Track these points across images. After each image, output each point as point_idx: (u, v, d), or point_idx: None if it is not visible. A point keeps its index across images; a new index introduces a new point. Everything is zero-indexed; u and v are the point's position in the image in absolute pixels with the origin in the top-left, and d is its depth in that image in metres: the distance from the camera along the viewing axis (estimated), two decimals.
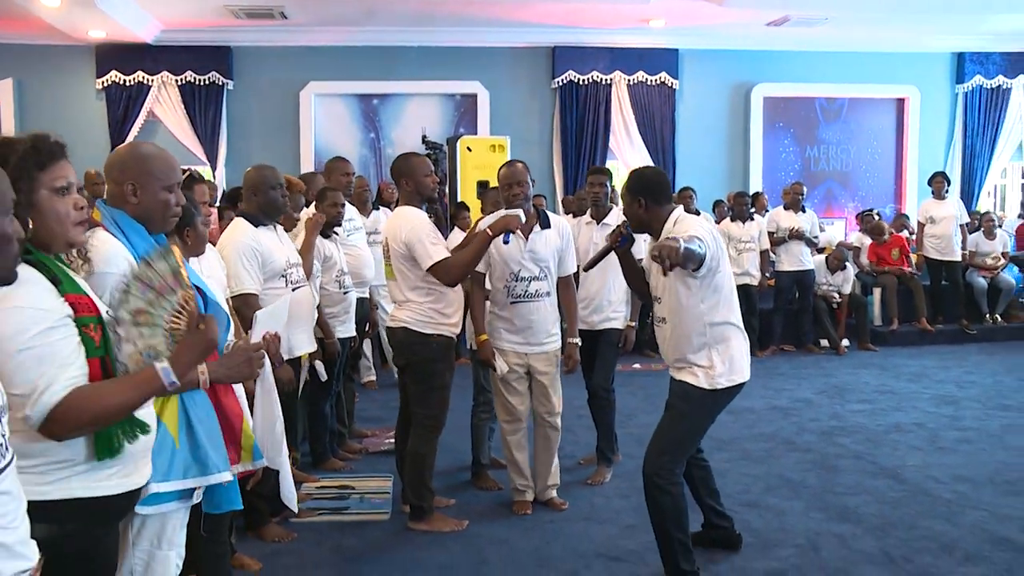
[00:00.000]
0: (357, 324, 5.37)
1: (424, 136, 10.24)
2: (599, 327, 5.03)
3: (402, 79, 10.84)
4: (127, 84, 10.54)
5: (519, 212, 4.12)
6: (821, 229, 10.00)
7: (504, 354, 4.41)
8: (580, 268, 4.69)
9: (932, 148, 11.85)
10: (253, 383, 2.73)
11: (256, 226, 4.09)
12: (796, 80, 11.48)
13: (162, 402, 2.23)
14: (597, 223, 5.18)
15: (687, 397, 3.52)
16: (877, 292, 9.77)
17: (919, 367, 8.29)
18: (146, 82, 10.55)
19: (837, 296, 9.31)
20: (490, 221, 4.23)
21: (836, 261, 9.34)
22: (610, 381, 5.07)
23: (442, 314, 4.18)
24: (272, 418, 2.85)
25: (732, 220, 9.03)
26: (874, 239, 9.91)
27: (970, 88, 11.78)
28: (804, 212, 9.26)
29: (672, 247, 3.07)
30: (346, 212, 5.31)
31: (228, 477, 2.43)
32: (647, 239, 3.77)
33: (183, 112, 10.67)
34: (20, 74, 10.49)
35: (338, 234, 5.22)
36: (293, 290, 4.11)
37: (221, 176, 10.53)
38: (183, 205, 2.44)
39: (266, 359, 2.53)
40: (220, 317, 2.32)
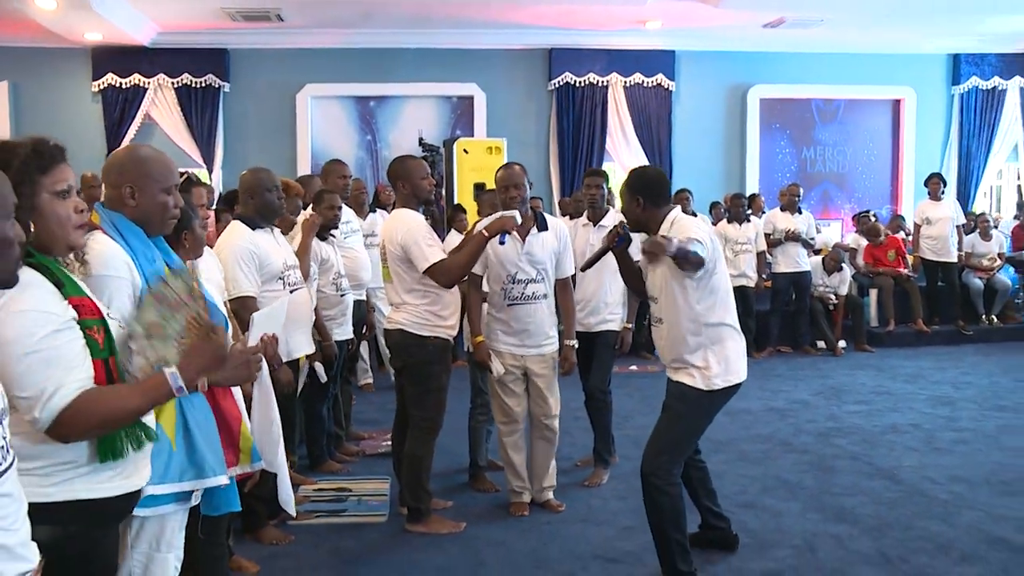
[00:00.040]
0: (354, 327, 5.37)
1: (420, 138, 10.24)
2: (595, 329, 5.03)
3: (398, 81, 10.83)
4: (123, 87, 10.53)
5: (515, 213, 4.13)
6: (817, 230, 9.99)
7: (501, 356, 4.41)
8: (577, 269, 4.69)
9: (928, 149, 11.87)
10: (251, 386, 2.73)
11: (253, 229, 4.09)
12: (792, 81, 11.49)
13: None
14: (594, 225, 5.17)
15: (684, 398, 3.53)
16: (873, 293, 9.78)
17: (915, 368, 8.30)
18: (142, 85, 10.54)
19: (833, 297, 9.31)
20: (486, 223, 4.24)
21: (832, 262, 9.35)
22: (607, 383, 5.07)
23: (439, 316, 4.18)
24: (269, 420, 2.86)
25: (728, 222, 9.03)
26: (870, 240, 9.92)
27: (966, 89, 11.80)
28: (800, 213, 9.26)
29: (662, 245, 3.10)
30: (343, 215, 5.31)
31: (224, 481, 2.43)
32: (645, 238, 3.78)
33: (179, 115, 10.65)
34: (16, 77, 10.47)
35: (335, 236, 5.21)
36: (291, 292, 4.10)
37: (218, 179, 10.52)
38: (181, 208, 2.45)
39: (264, 362, 2.54)
40: (218, 320, 2.32)
